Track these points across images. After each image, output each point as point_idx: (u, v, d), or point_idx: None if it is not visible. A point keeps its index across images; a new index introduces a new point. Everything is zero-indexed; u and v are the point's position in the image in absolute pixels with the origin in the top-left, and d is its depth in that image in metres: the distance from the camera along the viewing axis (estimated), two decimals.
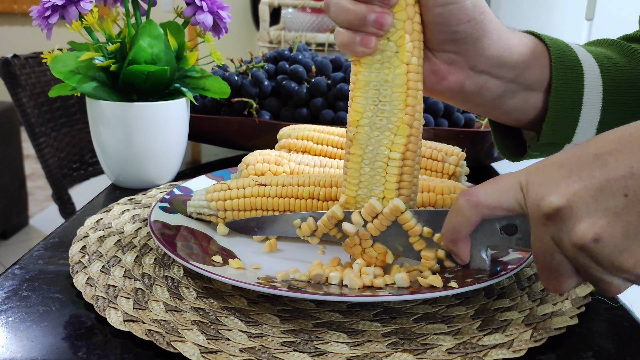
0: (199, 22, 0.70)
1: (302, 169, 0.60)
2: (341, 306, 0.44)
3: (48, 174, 1.55)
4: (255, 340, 0.39)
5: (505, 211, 0.39)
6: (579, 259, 0.34)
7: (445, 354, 0.38)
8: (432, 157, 0.63)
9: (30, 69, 1.55)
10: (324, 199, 0.53)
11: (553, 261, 0.36)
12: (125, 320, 0.41)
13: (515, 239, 0.41)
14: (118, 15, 0.70)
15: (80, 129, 1.69)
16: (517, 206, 0.38)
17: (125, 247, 0.52)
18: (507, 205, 0.38)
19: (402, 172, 0.45)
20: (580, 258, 0.34)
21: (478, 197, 0.39)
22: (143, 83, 0.67)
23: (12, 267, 0.50)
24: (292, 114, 0.85)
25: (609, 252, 0.33)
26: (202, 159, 0.94)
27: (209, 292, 0.46)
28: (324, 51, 1.30)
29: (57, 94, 0.67)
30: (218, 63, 0.75)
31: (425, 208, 0.52)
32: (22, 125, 1.52)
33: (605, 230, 0.32)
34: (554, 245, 0.35)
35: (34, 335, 0.40)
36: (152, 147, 0.69)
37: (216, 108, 0.86)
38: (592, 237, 0.33)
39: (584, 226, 0.33)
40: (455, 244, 0.42)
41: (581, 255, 0.34)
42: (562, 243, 0.35)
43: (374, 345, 0.39)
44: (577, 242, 0.33)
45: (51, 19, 0.65)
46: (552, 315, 0.43)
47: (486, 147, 0.79)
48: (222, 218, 0.55)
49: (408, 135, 0.44)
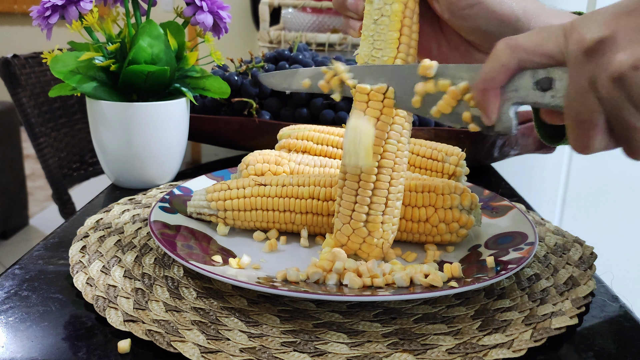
0: (199, 22, 0.70)
1: (302, 169, 0.60)
2: (341, 306, 0.44)
3: (48, 174, 1.55)
4: (255, 340, 0.39)
5: (545, 57, 0.37)
6: (614, 97, 0.33)
7: (445, 354, 0.38)
8: (432, 157, 0.63)
9: (30, 69, 1.55)
10: (324, 199, 0.53)
11: (586, 108, 0.35)
12: (125, 321, 0.41)
13: (549, 96, 0.38)
14: (118, 15, 0.70)
15: (80, 129, 1.69)
16: (557, 52, 0.36)
17: (125, 247, 0.52)
18: (546, 50, 0.37)
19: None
20: (616, 96, 0.33)
21: (518, 40, 0.38)
22: (143, 83, 0.67)
23: (12, 267, 0.49)
24: (292, 114, 0.85)
25: None
26: (202, 159, 0.94)
27: (209, 292, 0.46)
28: (324, 51, 1.29)
29: (57, 94, 0.67)
30: (218, 63, 0.75)
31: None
32: (22, 125, 1.52)
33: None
34: (589, 89, 0.34)
35: (34, 335, 0.40)
36: (152, 147, 0.69)
37: (216, 108, 0.86)
38: (632, 64, 0.32)
39: (626, 54, 0.33)
40: (485, 94, 0.39)
41: (617, 93, 0.33)
42: (599, 81, 0.34)
43: (374, 345, 0.39)
44: (616, 71, 0.33)
45: (51, 19, 0.65)
46: (552, 315, 0.43)
47: (486, 147, 0.79)
48: (222, 218, 0.55)
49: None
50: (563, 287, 0.47)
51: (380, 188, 0.47)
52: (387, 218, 0.48)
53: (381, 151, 0.46)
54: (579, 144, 0.37)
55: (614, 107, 0.34)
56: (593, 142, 0.36)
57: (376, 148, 0.46)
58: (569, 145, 0.38)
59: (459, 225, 0.52)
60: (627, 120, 0.34)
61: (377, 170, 0.47)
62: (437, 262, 0.50)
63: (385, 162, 0.47)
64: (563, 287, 0.47)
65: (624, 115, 0.34)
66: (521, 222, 0.54)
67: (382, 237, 0.48)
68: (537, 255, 0.53)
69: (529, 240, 0.50)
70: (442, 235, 0.52)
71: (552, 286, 0.47)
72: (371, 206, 0.47)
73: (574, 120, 0.36)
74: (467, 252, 0.53)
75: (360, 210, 0.47)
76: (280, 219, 0.54)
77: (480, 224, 0.54)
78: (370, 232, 0.48)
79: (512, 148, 0.81)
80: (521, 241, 0.50)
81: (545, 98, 0.38)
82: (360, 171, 0.47)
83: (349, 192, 0.48)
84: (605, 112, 0.35)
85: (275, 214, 0.54)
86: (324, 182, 0.54)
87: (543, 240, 0.57)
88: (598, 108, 0.35)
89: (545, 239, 0.57)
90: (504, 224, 0.56)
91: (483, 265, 0.47)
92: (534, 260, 0.52)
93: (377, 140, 0.46)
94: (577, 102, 0.36)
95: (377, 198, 0.47)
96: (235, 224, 0.55)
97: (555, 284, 0.48)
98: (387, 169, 0.47)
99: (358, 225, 0.48)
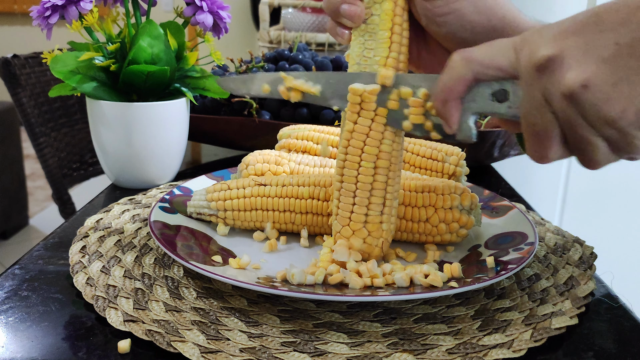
0: (199, 22, 0.70)
1: (302, 169, 0.60)
2: (341, 306, 0.44)
3: (48, 174, 1.55)
4: (255, 340, 0.39)
5: (497, 70, 0.38)
6: (567, 113, 0.34)
7: (445, 354, 0.38)
8: (432, 157, 0.63)
9: (30, 69, 1.55)
10: (324, 199, 0.53)
11: (541, 121, 0.36)
12: (125, 321, 0.41)
13: (505, 107, 0.40)
14: (118, 15, 0.70)
15: (80, 129, 1.69)
16: (509, 66, 0.38)
17: (125, 247, 0.52)
18: (498, 63, 0.38)
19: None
20: (569, 111, 0.34)
21: (472, 52, 0.39)
22: (143, 83, 0.67)
23: (12, 267, 0.49)
24: (292, 114, 0.85)
25: (596, 99, 0.33)
26: (202, 159, 0.94)
27: (209, 292, 0.46)
28: (324, 51, 1.29)
29: (57, 94, 0.67)
30: (218, 63, 0.75)
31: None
32: (22, 125, 1.52)
33: (594, 76, 0.33)
34: (543, 102, 0.36)
35: (34, 335, 0.40)
36: (152, 147, 0.69)
37: (216, 108, 0.86)
38: (580, 83, 0.33)
39: (574, 73, 0.33)
40: (445, 104, 0.41)
41: (570, 109, 0.34)
42: (552, 97, 0.35)
43: (374, 345, 0.39)
44: (566, 90, 0.34)
45: (51, 19, 0.65)
46: (552, 315, 0.43)
47: (486, 147, 0.79)
48: (222, 218, 0.55)
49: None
50: (563, 287, 0.47)
51: (377, 188, 0.47)
52: (385, 217, 0.48)
53: (377, 152, 0.46)
54: (535, 154, 0.38)
55: (568, 121, 0.35)
56: (549, 152, 0.37)
57: (372, 149, 0.46)
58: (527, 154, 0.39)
59: (459, 225, 0.52)
60: (581, 134, 0.35)
61: (373, 171, 0.47)
62: (437, 262, 0.50)
63: (381, 163, 0.47)
64: (563, 287, 0.47)
65: (577, 129, 0.35)
66: (521, 222, 0.54)
67: (382, 237, 0.48)
68: (537, 255, 0.53)
69: (529, 240, 0.50)
70: (442, 235, 0.52)
71: (552, 286, 0.47)
72: (370, 207, 0.47)
73: (530, 132, 0.37)
74: (467, 252, 0.53)
75: (359, 212, 0.47)
76: (280, 219, 0.54)
77: (480, 224, 0.54)
78: (370, 232, 0.48)
79: (512, 148, 0.81)
80: (521, 241, 0.50)
81: (502, 109, 0.40)
82: (357, 173, 0.47)
83: (346, 193, 0.48)
84: (559, 125, 0.36)
85: (275, 214, 0.54)
86: (324, 182, 0.54)
87: (543, 240, 0.57)
88: (554, 121, 0.36)
89: (545, 239, 0.57)
90: (504, 224, 0.56)
91: (483, 265, 0.47)
92: (534, 260, 0.52)
93: (373, 141, 0.46)
94: (532, 115, 0.37)
95: (375, 198, 0.47)
96: (235, 224, 0.55)
97: (555, 284, 0.48)
98: (384, 169, 0.47)
99: (358, 227, 0.48)
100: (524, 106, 0.37)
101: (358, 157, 0.47)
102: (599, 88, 0.33)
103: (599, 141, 0.35)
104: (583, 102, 0.34)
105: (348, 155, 0.47)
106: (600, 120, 0.34)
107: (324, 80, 0.47)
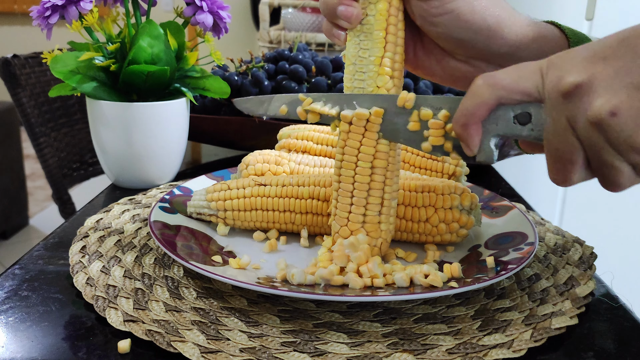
0: (199, 22, 0.70)
1: (302, 169, 0.60)
2: (341, 306, 0.44)
3: (48, 174, 1.55)
4: (255, 340, 0.39)
5: (522, 95, 0.38)
6: (593, 138, 0.34)
7: (445, 354, 0.38)
8: (432, 157, 0.63)
9: (30, 69, 1.55)
10: (324, 199, 0.53)
11: (566, 146, 0.36)
12: (125, 321, 0.41)
13: (528, 129, 0.39)
14: (118, 15, 0.70)
15: (80, 129, 1.69)
16: (534, 90, 0.37)
17: (125, 247, 0.52)
18: (524, 88, 0.37)
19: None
20: (594, 137, 0.34)
21: (496, 77, 0.38)
22: (143, 83, 0.67)
23: (12, 267, 0.49)
24: None
25: (625, 126, 0.33)
26: (202, 159, 0.94)
27: (209, 292, 0.46)
28: (324, 51, 1.30)
29: (57, 94, 0.67)
30: (218, 63, 0.75)
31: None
32: (22, 125, 1.52)
33: (624, 104, 0.32)
34: (568, 127, 0.35)
35: (34, 335, 0.40)
36: (152, 147, 0.69)
37: (216, 108, 0.86)
38: (609, 111, 0.33)
39: (603, 100, 0.33)
40: (466, 128, 0.40)
41: (595, 134, 0.34)
42: (578, 122, 0.34)
43: (374, 345, 0.39)
44: (594, 117, 0.33)
45: (51, 19, 0.65)
46: (552, 315, 0.43)
47: None
48: (222, 218, 0.55)
49: None
50: (563, 287, 0.47)
51: (375, 188, 0.47)
52: (384, 218, 0.48)
53: (373, 151, 0.46)
54: (558, 178, 0.37)
55: (593, 147, 0.35)
56: (572, 176, 0.37)
57: (369, 149, 0.46)
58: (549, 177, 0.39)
59: (459, 225, 0.52)
60: (605, 159, 0.35)
61: (370, 171, 0.47)
62: (437, 262, 0.50)
63: (378, 163, 0.47)
64: (563, 287, 0.47)
65: (602, 155, 0.35)
66: (521, 222, 0.54)
67: (381, 237, 0.48)
68: (537, 255, 0.53)
69: (529, 240, 0.50)
70: (442, 235, 0.52)
71: (552, 286, 0.47)
72: (367, 207, 0.47)
73: (553, 156, 0.37)
74: (467, 252, 0.53)
75: (357, 212, 0.47)
76: (280, 219, 0.54)
77: (480, 224, 0.54)
78: (368, 232, 0.48)
79: (512, 148, 0.81)
80: (521, 241, 0.50)
81: (524, 131, 0.39)
82: (354, 173, 0.47)
83: (344, 194, 0.48)
84: (584, 150, 0.36)
85: (275, 214, 0.54)
86: (324, 182, 0.54)
87: (543, 240, 0.57)
88: (577, 146, 0.36)
89: (545, 239, 0.57)
90: (504, 224, 0.56)
91: (483, 265, 0.47)
92: (534, 260, 0.52)
93: (369, 141, 0.46)
94: (556, 139, 0.36)
95: (372, 199, 0.47)
96: (235, 224, 0.55)
97: (555, 284, 0.48)
98: (381, 169, 0.47)
99: (356, 227, 0.48)
100: (548, 130, 0.37)
101: (355, 157, 0.47)
102: (628, 115, 0.33)
103: (624, 166, 0.35)
104: (611, 129, 0.33)
105: (345, 155, 0.47)
106: (628, 147, 0.33)
107: (342, 102, 0.47)
